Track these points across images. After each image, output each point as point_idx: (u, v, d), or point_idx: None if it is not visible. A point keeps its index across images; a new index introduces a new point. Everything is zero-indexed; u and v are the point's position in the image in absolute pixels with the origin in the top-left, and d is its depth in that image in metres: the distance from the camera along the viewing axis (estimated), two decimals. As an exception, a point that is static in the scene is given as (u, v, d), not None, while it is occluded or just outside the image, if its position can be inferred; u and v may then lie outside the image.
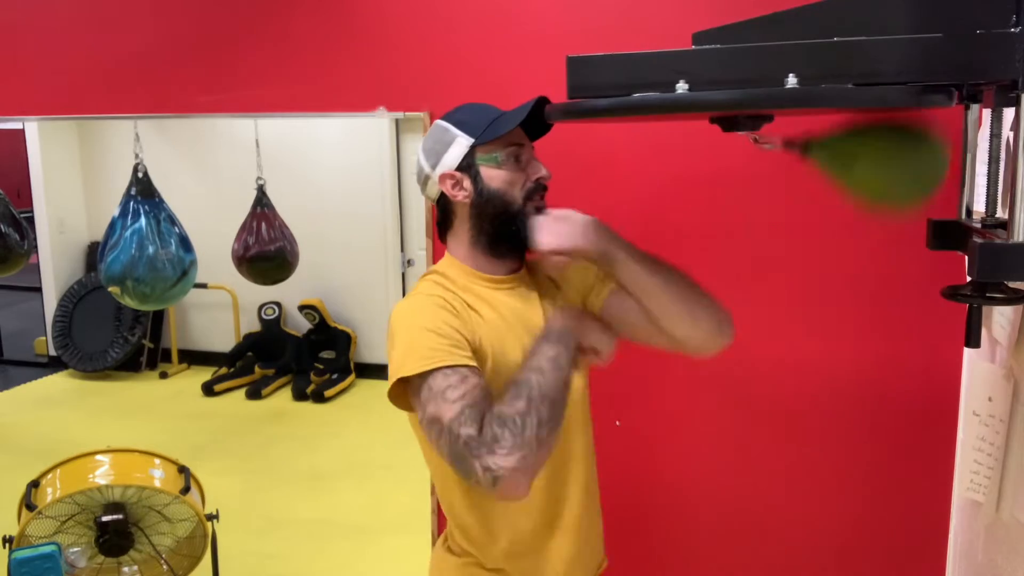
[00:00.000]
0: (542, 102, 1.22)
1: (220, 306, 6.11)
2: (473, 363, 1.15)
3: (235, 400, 5.62)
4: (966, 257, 1.03)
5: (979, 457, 1.31)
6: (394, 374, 1.16)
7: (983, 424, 1.30)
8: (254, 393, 5.62)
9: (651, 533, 1.94)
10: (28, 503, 2.39)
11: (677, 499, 1.93)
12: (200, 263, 3.10)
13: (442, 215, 1.34)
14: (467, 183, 1.27)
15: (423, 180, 1.33)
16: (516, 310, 1.30)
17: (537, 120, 1.25)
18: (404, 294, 5.92)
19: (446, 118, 1.32)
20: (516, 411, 1.07)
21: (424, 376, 1.13)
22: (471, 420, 1.08)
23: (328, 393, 5.53)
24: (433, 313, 1.20)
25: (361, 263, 5.87)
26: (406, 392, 1.18)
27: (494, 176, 1.26)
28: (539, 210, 1.29)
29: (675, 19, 1.68)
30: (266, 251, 3.97)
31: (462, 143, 1.27)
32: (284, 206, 4.18)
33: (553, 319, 1.26)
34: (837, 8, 0.94)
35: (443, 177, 1.28)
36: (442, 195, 1.31)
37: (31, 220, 5.92)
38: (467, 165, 1.27)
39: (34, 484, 2.47)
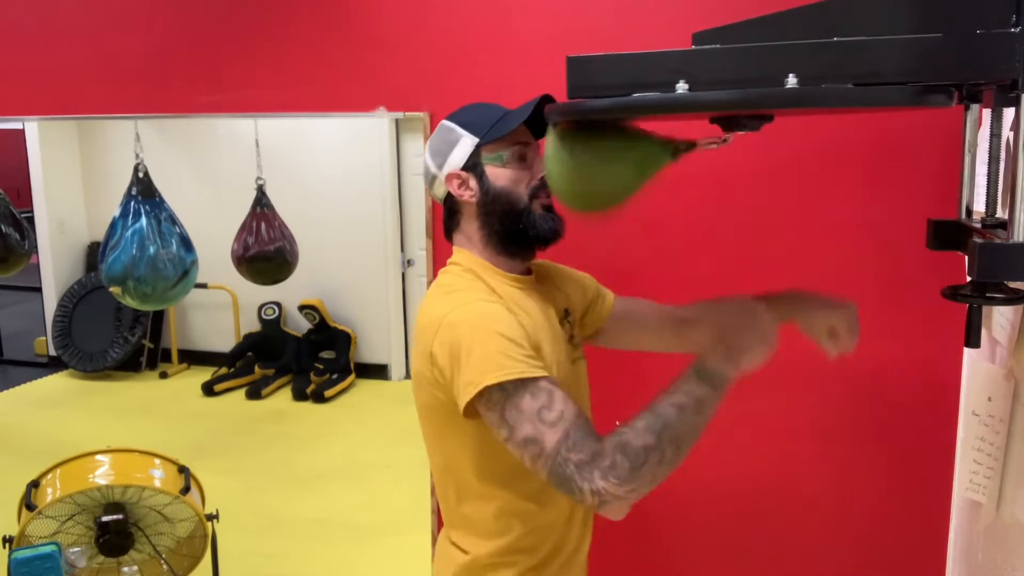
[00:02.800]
0: (546, 100, 1.23)
1: (220, 306, 6.11)
2: (545, 371, 1.13)
3: (235, 400, 5.62)
4: (966, 257, 1.04)
5: (979, 457, 1.31)
6: (478, 381, 1.11)
7: (983, 424, 1.30)
8: (254, 393, 5.62)
9: (650, 533, 1.94)
10: (28, 503, 2.39)
11: (676, 499, 1.93)
12: (200, 263, 3.11)
13: (449, 214, 1.34)
14: (473, 182, 1.27)
15: (430, 180, 1.33)
16: (541, 310, 1.29)
17: (542, 119, 1.24)
18: (404, 294, 6.00)
19: (451, 118, 1.31)
20: (643, 444, 1.06)
21: (509, 388, 1.10)
22: (578, 445, 1.07)
23: (328, 393, 5.53)
24: (502, 316, 1.17)
25: (361, 263, 5.87)
26: (478, 403, 1.14)
27: (500, 175, 1.27)
28: (545, 208, 1.29)
29: (675, 19, 1.68)
30: (266, 251, 3.97)
31: (467, 143, 1.27)
32: (284, 206, 4.18)
33: (711, 353, 1.14)
34: (837, 8, 0.94)
35: (449, 177, 1.28)
36: (449, 194, 1.31)
37: (31, 220, 5.92)
38: (472, 164, 1.27)
39: (34, 484, 2.47)
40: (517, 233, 1.27)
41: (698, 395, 1.10)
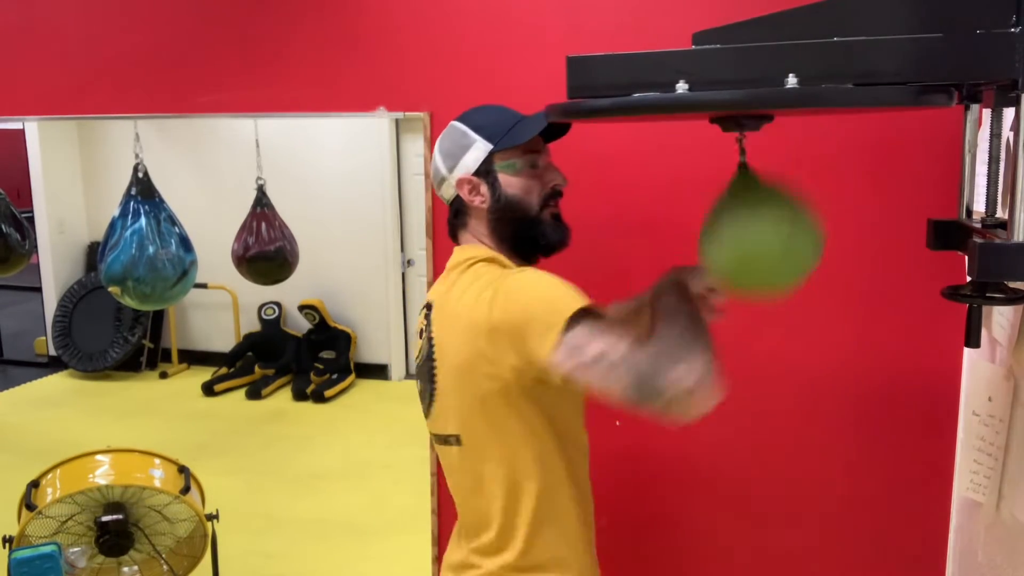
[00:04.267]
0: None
1: (220, 306, 6.11)
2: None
3: (235, 400, 5.62)
4: (966, 257, 1.04)
5: (979, 457, 1.31)
6: (565, 310, 1.09)
7: (983, 424, 1.30)
8: (254, 393, 5.62)
9: (650, 533, 1.94)
10: (28, 503, 2.39)
11: (676, 499, 1.93)
12: (200, 263, 3.10)
13: (455, 214, 1.34)
14: (484, 189, 1.27)
15: (439, 181, 1.32)
16: None
17: (554, 126, 1.26)
18: (404, 294, 5.99)
19: (464, 120, 1.31)
20: (671, 334, 1.07)
21: (579, 317, 1.09)
22: (648, 345, 1.06)
23: (328, 393, 5.53)
24: (546, 273, 1.19)
25: (361, 263, 5.88)
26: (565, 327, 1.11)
27: (512, 183, 1.27)
28: (554, 217, 1.29)
29: (675, 19, 1.68)
30: (266, 251, 3.96)
31: (480, 148, 1.26)
32: (284, 206, 4.18)
33: (659, 283, 1.23)
34: (837, 8, 0.94)
35: (460, 182, 1.28)
36: (457, 196, 1.30)
37: (31, 220, 5.92)
38: (485, 171, 1.27)
39: (34, 484, 2.47)
40: (528, 240, 1.28)
41: (672, 301, 1.15)
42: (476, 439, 1.28)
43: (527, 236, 1.28)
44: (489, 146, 1.26)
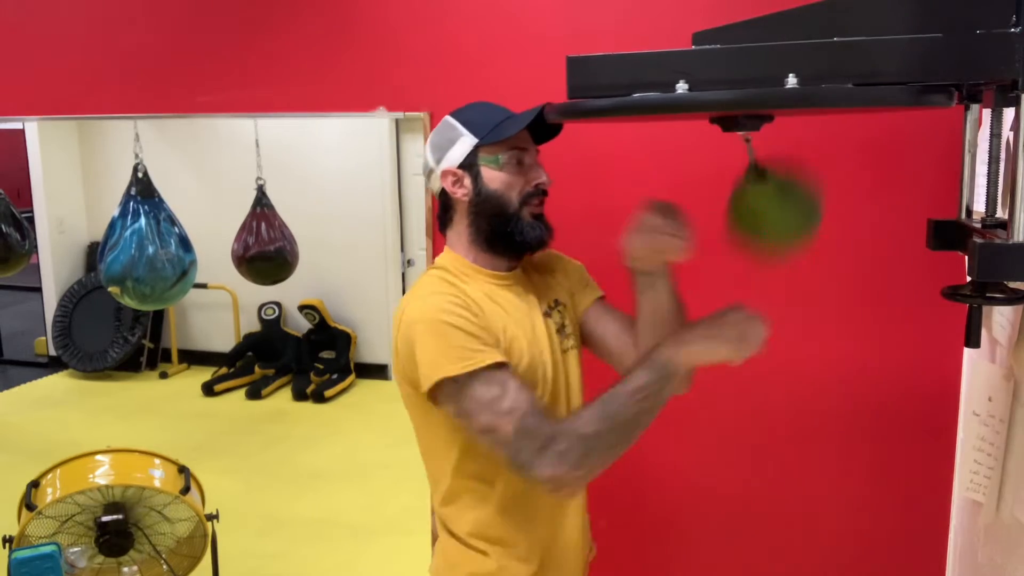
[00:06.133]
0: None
1: (220, 306, 6.11)
2: (503, 358, 1.18)
3: (235, 400, 5.62)
4: (966, 257, 1.04)
5: (979, 457, 1.31)
6: (432, 375, 1.17)
7: (983, 424, 1.30)
8: (254, 393, 5.62)
9: (649, 532, 1.94)
10: (28, 503, 2.39)
11: (675, 499, 1.93)
12: (200, 263, 3.10)
13: (443, 209, 1.36)
14: (467, 181, 1.29)
15: (427, 173, 1.35)
16: (517, 305, 1.31)
17: (545, 125, 1.26)
18: (404, 294, 5.97)
19: (455, 115, 1.33)
20: (595, 431, 1.12)
21: (462, 380, 1.16)
22: (531, 434, 1.13)
23: (328, 393, 5.53)
24: (454, 310, 1.20)
25: (361, 263, 5.87)
26: (438, 393, 1.20)
27: (494, 177, 1.28)
28: (535, 216, 1.30)
29: (675, 19, 1.68)
30: (266, 251, 3.96)
31: (466, 142, 1.28)
32: (284, 206, 4.17)
33: (663, 346, 1.18)
34: (837, 8, 0.94)
35: (445, 173, 1.30)
36: (443, 190, 1.32)
37: (31, 220, 5.92)
38: (469, 164, 1.28)
39: (34, 484, 2.47)
40: (503, 236, 1.29)
41: (646, 381, 1.15)
42: (415, 430, 1.37)
43: (503, 232, 1.29)
44: (475, 140, 1.28)
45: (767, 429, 1.84)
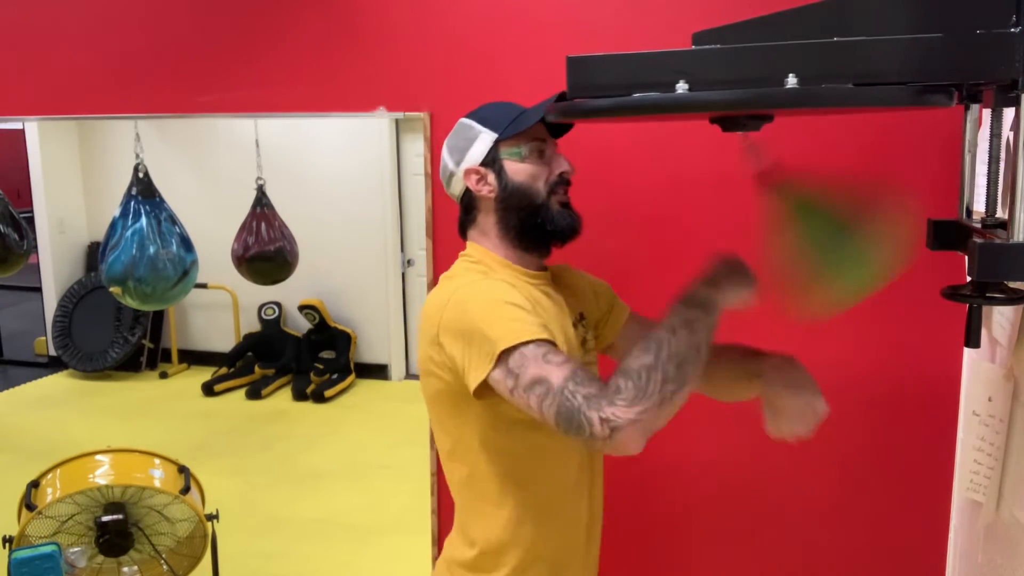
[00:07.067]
0: (564, 97, 1.22)
1: (220, 306, 6.11)
2: (554, 339, 1.14)
3: (235, 400, 5.62)
4: (966, 257, 1.04)
5: (979, 457, 1.31)
6: (490, 353, 1.11)
7: (983, 424, 1.30)
8: (254, 393, 5.62)
9: (650, 533, 1.94)
10: (28, 503, 2.39)
11: (676, 499, 1.93)
12: (200, 263, 3.11)
13: (465, 211, 1.34)
14: (491, 178, 1.28)
15: (448, 177, 1.33)
16: (549, 305, 1.30)
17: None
18: (404, 294, 6.00)
19: (471, 116, 1.32)
20: (641, 365, 1.05)
21: (516, 348, 1.10)
22: (586, 380, 1.06)
23: (328, 393, 5.54)
24: (506, 289, 1.18)
25: (361, 263, 5.88)
26: (492, 372, 1.13)
27: (518, 170, 1.27)
28: (562, 204, 1.29)
29: (675, 19, 1.68)
30: (266, 251, 3.97)
31: (486, 139, 1.27)
32: (284, 206, 4.18)
33: (696, 284, 1.18)
34: (837, 8, 0.94)
35: (468, 172, 1.28)
36: (466, 191, 1.31)
37: (31, 220, 5.93)
38: (491, 160, 1.27)
39: (34, 484, 2.47)
40: (535, 228, 1.28)
41: (687, 316, 1.11)
42: (436, 430, 1.34)
43: (534, 223, 1.27)
44: (494, 135, 1.27)
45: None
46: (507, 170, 1.27)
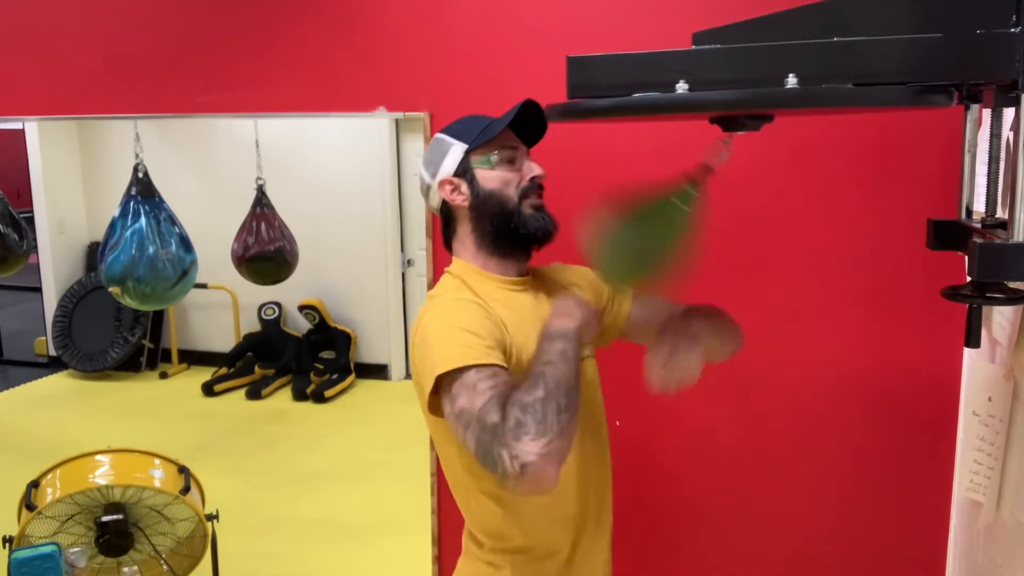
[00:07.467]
0: (530, 105, 1.27)
1: (220, 306, 6.11)
2: (504, 364, 1.16)
3: (235, 400, 5.62)
4: (966, 257, 1.04)
5: (979, 457, 1.31)
6: (431, 374, 1.15)
7: (983, 424, 1.30)
8: (254, 393, 5.62)
9: (651, 532, 1.94)
10: (28, 503, 2.39)
11: (677, 499, 1.93)
12: (200, 263, 3.11)
13: (445, 224, 1.38)
14: (464, 187, 1.31)
15: (426, 191, 1.37)
16: (532, 310, 1.31)
17: (531, 125, 1.31)
18: (404, 294, 6.00)
19: (443, 131, 1.36)
20: (535, 398, 1.06)
21: (457, 372, 1.13)
22: (497, 408, 1.07)
23: (328, 393, 5.53)
24: (468, 313, 1.21)
25: (361, 263, 5.87)
26: (439, 394, 1.18)
27: (489, 177, 1.30)
28: (535, 208, 1.31)
29: (675, 19, 1.68)
30: (266, 251, 3.97)
31: (457, 150, 1.31)
32: (284, 206, 4.18)
33: (551, 320, 1.23)
34: (837, 8, 0.94)
35: (442, 183, 1.32)
36: (444, 203, 1.34)
37: (31, 220, 5.92)
38: (463, 170, 1.31)
39: (34, 484, 2.47)
40: (508, 233, 1.30)
41: (559, 348, 1.15)
42: (431, 433, 1.37)
43: (507, 228, 1.30)
44: (464, 146, 1.31)
45: (767, 429, 1.84)
46: (478, 178, 1.30)
